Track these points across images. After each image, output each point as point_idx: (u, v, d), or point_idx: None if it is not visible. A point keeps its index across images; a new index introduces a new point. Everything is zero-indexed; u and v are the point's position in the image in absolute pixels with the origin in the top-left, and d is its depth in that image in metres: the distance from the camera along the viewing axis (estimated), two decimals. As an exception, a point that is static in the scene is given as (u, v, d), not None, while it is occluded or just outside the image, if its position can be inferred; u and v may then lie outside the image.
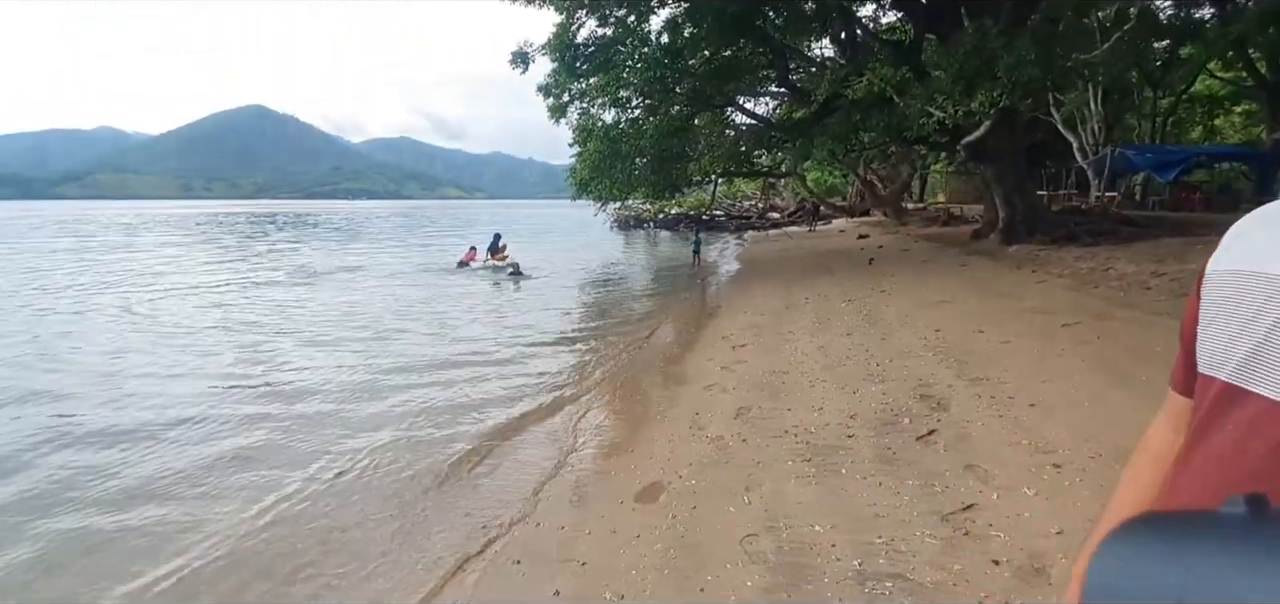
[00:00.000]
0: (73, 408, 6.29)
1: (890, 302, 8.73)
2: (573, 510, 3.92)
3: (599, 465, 4.63)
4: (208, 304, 12.42)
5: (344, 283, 15.54)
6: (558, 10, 13.74)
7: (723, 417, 4.95)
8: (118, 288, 14.48)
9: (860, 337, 6.84)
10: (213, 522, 4.07)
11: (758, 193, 38.39)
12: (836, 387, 5.23)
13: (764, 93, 18.21)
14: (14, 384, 7.05)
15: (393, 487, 4.51)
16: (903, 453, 3.88)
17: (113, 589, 3.43)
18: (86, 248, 26.64)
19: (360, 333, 9.67)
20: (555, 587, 3.09)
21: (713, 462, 4.17)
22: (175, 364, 7.93)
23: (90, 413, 6.12)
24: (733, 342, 7.56)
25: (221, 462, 4.97)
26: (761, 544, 3.09)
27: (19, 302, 12.63)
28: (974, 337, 6.45)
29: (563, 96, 15.11)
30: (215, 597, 3.36)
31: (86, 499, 4.42)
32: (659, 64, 13.69)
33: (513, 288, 14.26)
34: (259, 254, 24.37)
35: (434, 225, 48.01)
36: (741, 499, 3.57)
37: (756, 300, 10.42)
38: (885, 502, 3.30)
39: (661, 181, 16.32)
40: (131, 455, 5.12)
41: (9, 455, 5.13)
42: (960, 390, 4.84)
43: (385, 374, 7.31)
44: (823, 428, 4.37)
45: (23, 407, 6.34)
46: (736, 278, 15.43)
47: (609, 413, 5.92)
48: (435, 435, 5.43)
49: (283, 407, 6.24)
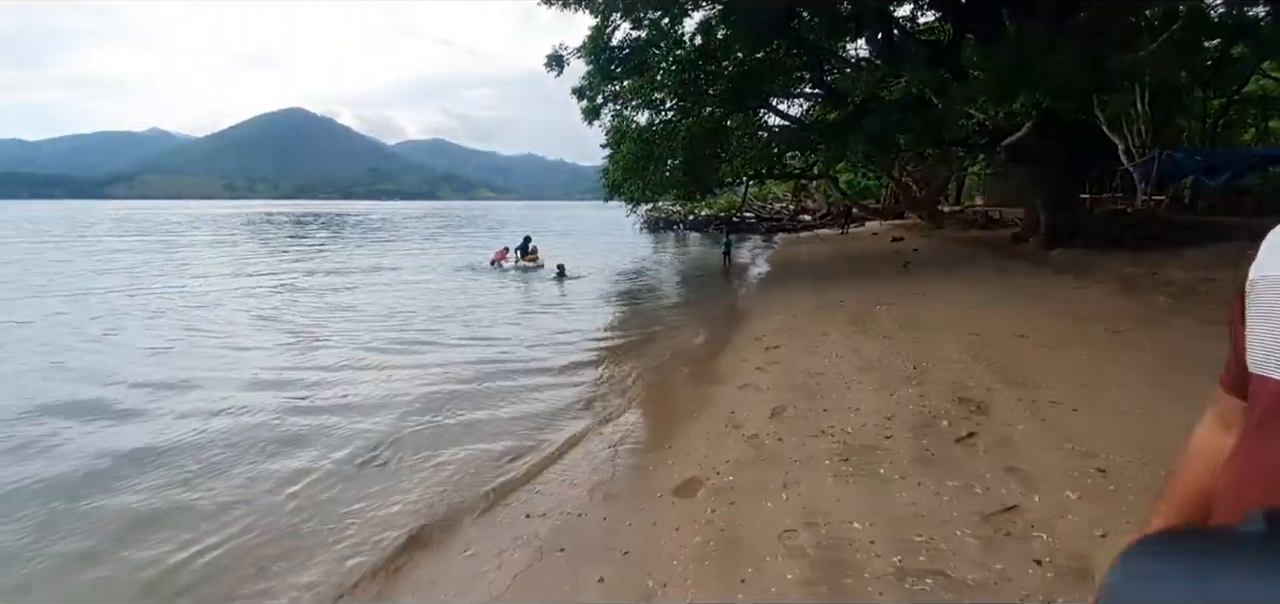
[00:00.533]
0: (135, 390, 6.65)
1: (926, 305, 8.64)
2: (613, 503, 4.01)
3: (637, 460, 4.72)
4: (258, 301, 12.89)
5: (385, 282, 15.93)
6: (593, 13, 13.90)
7: (758, 416, 5.00)
8: (168, 287, 15.12)
9: (896, 340, 6.81)
10: (255, 501, 4.29)
11: (789, 195, 38.07)
12: (873, 389, 5.23)
13: (797, 94, 18.10)
14: (102, 368, 7.47)
15: (436, 476, 4.67)
16: (942, 454, 3.88)
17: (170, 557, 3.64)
18: (145, 246, 27.79)
19: (401, 331, 9.94)
20: (599, 574, 3.19)
21: (749, 459, 4.22)
22: (214, 362, 8.29)
23: (156, 396, 6.46)
24: (766, 342, 7.58)
25: (271, 445, 5.21)
26: (800, 539, 3.13)
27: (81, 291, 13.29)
28: (1014, 341, 6.37)
29: (596, 98, 15.26)
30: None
31: (159, 463, 4.69)
32: (692, 66, 13.76)
33: (558, 290, 14.40)
34: (303, 252, 25.13)
35: (468, 226, 48.75)
36: (779, 496, 3.62)
37: (789, 302, 10.41)
38: (925, 501, 3.31)
39: (693, 183, 16.37)
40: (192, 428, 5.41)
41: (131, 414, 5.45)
42: (1000, 394, 4.81)
43: (424, 370, 7.52)
44: (860, 429, 4.39)
45: (110, 387, 6.72)
46: (768, 280, 15.40)
47: (645, 410, 6.01)
48: (476, 430, 5.58)
49: (336, 398, 6.49)
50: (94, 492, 4.50)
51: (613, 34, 14.19)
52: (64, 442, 5.41)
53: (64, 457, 5.12)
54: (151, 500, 4.39)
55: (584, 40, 14.25)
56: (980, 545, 2.88)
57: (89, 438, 5.50)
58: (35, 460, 5.03)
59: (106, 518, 4.16)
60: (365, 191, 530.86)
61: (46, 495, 4.45)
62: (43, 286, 14.66)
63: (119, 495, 4.46)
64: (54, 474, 4.80)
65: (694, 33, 14.57)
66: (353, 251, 25.29)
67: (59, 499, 4.39)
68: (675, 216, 33.42)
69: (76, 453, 5.18)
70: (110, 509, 4.27)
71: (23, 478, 4.72)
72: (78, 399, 6.51)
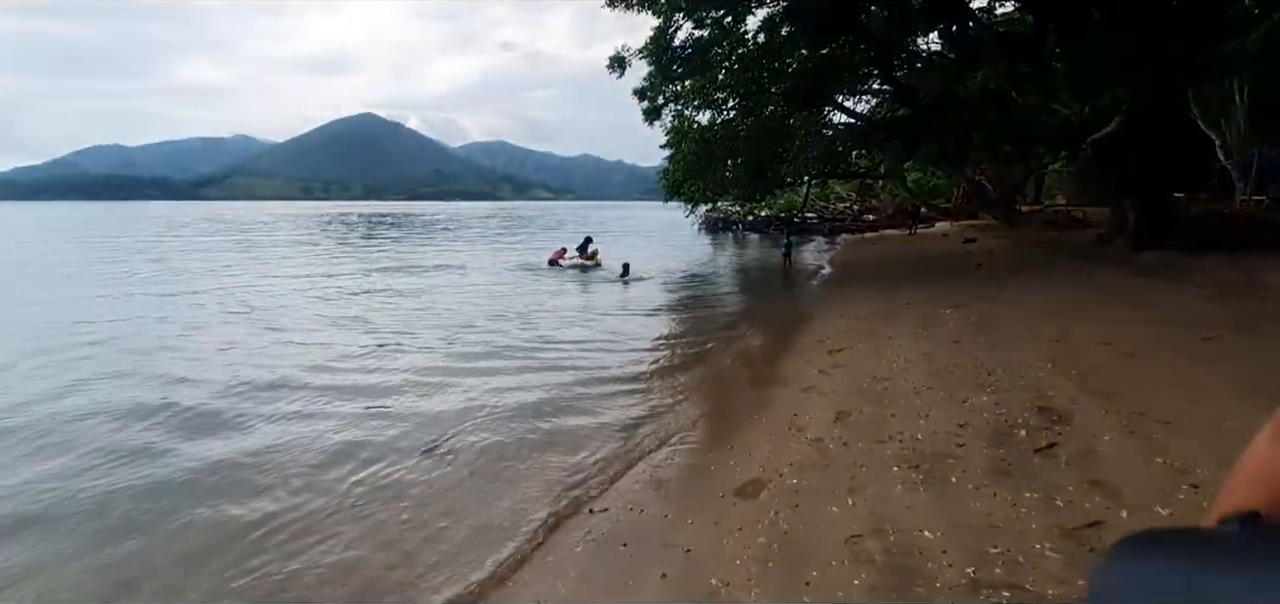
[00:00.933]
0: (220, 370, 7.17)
1: (1002, 309, 8.26)
2: (675, 501, 4.05)
3: (697, 460, 4.74)
4: (337, 306, 13.62)
5: (452, 282, 16.39)
6: (656, 14, 13.95)
7: (822, 420, 4.92)
8: (259, 289, 16.17)
9: (969, 345, 6.55)
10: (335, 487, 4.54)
11: (853, 195, 37.04)
12: (943, 395, 5.06)
13: (864, 91, 17.60)
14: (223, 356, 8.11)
15: (500, 471, 4.83)
16: (1019, 465, 3.73)
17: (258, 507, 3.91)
18: (236, 245, 29.80)
19: (468, 330, 10.28)
20: (661, 570, 3.23)
21: (813, 463, 4.17)
22: (282, 355, 8.81)
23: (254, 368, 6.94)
24: (829, 346, 7.44)
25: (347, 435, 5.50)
26: (867, 546, 3.08)
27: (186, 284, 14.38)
28: (1099, 348, 6.02)
29: (657, 99, 15.31)
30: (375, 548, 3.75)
31: (236, 438, 5.05)
32: (755, 64, 13.60)
33: (622, 289, 14.48)
34: (378, 252, 26.34)
35: (529, 226, 49.75)
36: (844, 501, 3.57)
37: (853, 305, 10.16)
38: (1001, 513, 3.19)
39: (754, 183, 16.19)
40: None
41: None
42: (1084, 404, 4.56)
43: (490, 369, 7.76)
44: (930, 435, 4.26)
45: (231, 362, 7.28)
46: (831, 281, 15.07)
47: (705, 411, 6.02)
48: (538, 427, 5.72)
49: (412, 400, 6.80)
50: (197, 493, 4.89)
51: (675, 34, 14.19)
52: (172, 444, 5.89)
53: (174, 459, 5.57)
54: (256, 500, 4.74)
55: (646, 41, 14.32)
56: (1062, 561, 2.75)
57: (187, 442, 5.96)
58: (154, 463, 5.48)
59: (209, 517, 4.51)
60: (429, 192, 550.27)
61: (178, 491, 4.87)
62: (151, 282, 15.99)
63: (227, 496, 4.83)
64: (172, 475, 5.23)
65: (757, 30, 14.41)
66: (422, 250, 26.26)
67: (175, 497, 4.80)
68: (734, 217, 33.08)
69: (185, 457, 5.63)
70: (205, 504, 4.63)
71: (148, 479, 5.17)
72: (171, 401, 7.06)
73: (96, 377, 7.40)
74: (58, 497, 4.50)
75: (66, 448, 5.33)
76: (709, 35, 14.21)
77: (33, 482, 4.73)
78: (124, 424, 5.85)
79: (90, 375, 7.43)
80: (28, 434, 5.64)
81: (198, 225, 47.15)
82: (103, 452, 5.22)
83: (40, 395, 6.70)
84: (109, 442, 5.45)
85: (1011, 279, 10.99)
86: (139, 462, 5.06)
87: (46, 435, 5.61)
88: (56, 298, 13.36)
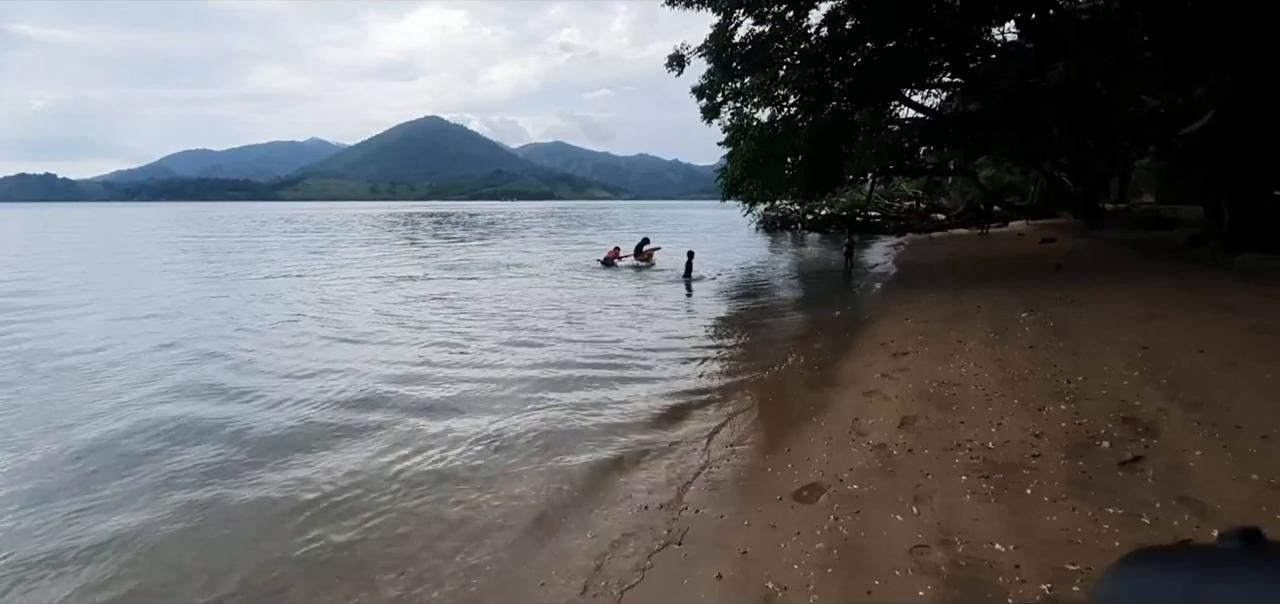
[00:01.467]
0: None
1: (1083, 313, 7.77)
2: (731, 503, 4.01)
3: (754, 462, 4.68)
4: (407, 307, 14.17)
5: (516, 282, 16.64)
6: (715, 11, 13.82)
7: (885, 425, 4.77)
8: (341, 290, 17.01)
9: (1046, 350, 6.20)
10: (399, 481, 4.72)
11: (920, 193, 35.65)
12: (1017, 402, 4.81)
13: (933, 85, 16.87)
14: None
15: (561, 466, 4.90)
16: (1101, 478, 3.50)
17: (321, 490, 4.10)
18: (320, 244, 31.47)
19: (526, 327, 10.51)
20: (717, 571, 3.21)
21: (875, 469, 4.05)
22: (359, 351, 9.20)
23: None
24: (893, 348, 7.20)
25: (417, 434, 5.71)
26: (933, 556, 2.97)
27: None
28: (1190, 356, 5.58)
29: (716, 97, 15.15)
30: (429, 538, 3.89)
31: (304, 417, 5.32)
32: (817, 60, 13.27)
33: (683, 288, 14.24)
34: (444, 248, 27.25)
35: (588, 225, 50.27)
36: (909, 509, 3.45)
37: (919, 307, 9.79)
38: (1081, 528, 3.01)
39: (815, 181, 15.80)
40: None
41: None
42: (1173, 415, 4.24)
43: (549, 366, 7.89)
44: (1002, 445, 4.06)
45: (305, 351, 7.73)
46: (895, 282, 14.56)
47: (763, 412, 5.93)
48: (598, 425, 5.77)
49: (475, 393, 7.02)
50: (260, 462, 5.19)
51: (735, 30, 14.02)
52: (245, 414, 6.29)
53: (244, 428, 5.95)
54: (319, 477, 4.99)
55: (705, 38, 14.21)
56: (1150, 583, 2.57)
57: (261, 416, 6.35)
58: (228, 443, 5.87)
59: (277, 495, 4.79)
60: (490, 192, 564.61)
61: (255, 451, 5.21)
62: (240, 278, 17.10)
63: (290, 470, 5.11)
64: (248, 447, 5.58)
65: (820, 25, 14.05)
66: (490, 249, 26.87)
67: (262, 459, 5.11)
68: (794, 216, 32.42)
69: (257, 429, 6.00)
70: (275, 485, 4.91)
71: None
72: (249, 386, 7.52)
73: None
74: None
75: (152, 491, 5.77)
76: (770, 31, 13.94)
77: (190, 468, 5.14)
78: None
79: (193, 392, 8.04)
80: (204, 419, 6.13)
81: (281, 225, 50.07)
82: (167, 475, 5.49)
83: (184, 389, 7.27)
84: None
85: (1094, 281, 10.31)
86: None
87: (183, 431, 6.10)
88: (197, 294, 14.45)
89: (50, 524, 4.14)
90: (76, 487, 4.67)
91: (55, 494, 4.56)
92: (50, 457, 5.25)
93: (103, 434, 5.70)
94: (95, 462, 5.12)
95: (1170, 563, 0.49)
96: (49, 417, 6.20)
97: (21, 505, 4.42)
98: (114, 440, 5.56)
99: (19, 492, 4.64)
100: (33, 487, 4.71)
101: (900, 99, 15.99)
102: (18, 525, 4.15)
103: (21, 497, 4.55)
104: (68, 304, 12.91)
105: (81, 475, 4.88)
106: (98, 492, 4.58)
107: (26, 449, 5.42)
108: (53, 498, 4.50)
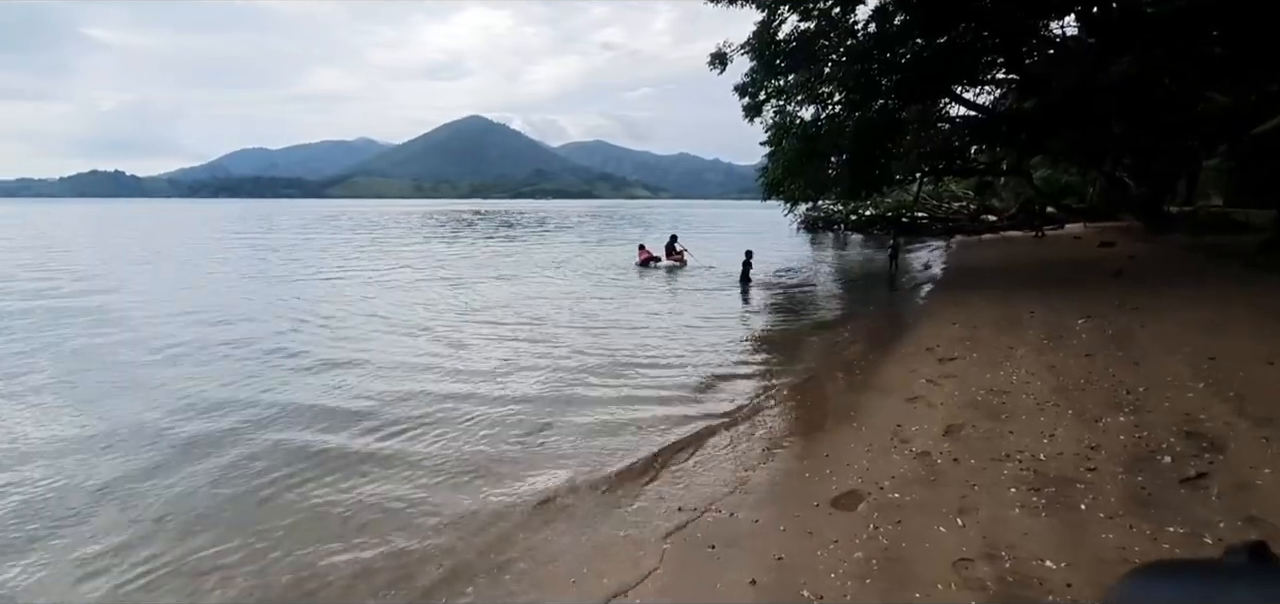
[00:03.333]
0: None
1: (1144, 321, 7.39)
2: (766, 507, 3.94)
3: (791, 467, 4.59)
4: (455, 314, 14.46)
5: (550, 279, 16.87)
6: (759, 7, 13.65)
7: (929, 432, 4.63)
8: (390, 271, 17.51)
9: (1103, 359, 5.92)
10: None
11: (970, 193, 34.47)
12: (1072, 413, 4.60)
13: (987, 81, 16.27)
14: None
15: (595, 462, 4.91)
16: (1162, 495, 3.32)
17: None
18: (373, 242, 32.49)
19: (568, 327, 10.56)
20: (751, 576, 3.16)
21: (918, 478, 3.93)
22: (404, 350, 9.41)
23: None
24: (939, 354, 6.99)
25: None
26: (978, 570, 2.86)
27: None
28: (1260, 368, 5.25)
29: (759, 95, 14.96)
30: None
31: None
32: (865, 56, 12.97)
33: (742, 300, 13.37)
34: (495, 250, 27.77)
35: (628, 224, 50.39)
36: (953, 521, 3.33)
37: (967, 311, 9.47)
38: (1138, 546, 2.86)
39: (860, 181, 15.44)
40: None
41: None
42: (1241, 430, 3.99)
43: (588, 372, 7.88)
44: (1055, 457, 3.89)
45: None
46: (943, 286, 14.12)
47: (802, 417, 5.83)
48: (633, 425, 5.74)
49: (522, 390, 7.11)
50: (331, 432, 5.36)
51: (779, 28, 13.82)
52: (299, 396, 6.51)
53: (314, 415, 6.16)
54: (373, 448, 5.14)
55: (748, 36, 14.05)
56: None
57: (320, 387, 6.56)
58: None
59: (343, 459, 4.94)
60: (530, 191, 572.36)
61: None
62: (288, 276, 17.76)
63: (357, 437, 5.27)
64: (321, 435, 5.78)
65: (867, 21, 13.73)
66: (532, 248, 27.13)
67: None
68: (836, 216, 31.77)
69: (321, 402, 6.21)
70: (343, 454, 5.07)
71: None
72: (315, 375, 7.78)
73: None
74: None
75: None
76: (815, 27, 13.71)
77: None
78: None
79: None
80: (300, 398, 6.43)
81: (339, 221, 51.83)
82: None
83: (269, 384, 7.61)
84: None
85: (1156, 288, 9.79)
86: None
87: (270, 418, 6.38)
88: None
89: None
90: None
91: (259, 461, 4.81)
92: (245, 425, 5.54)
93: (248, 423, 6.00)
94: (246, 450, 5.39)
95: (1179, 575, 0.50)
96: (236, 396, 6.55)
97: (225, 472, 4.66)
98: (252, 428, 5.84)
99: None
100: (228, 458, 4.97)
101: (951, 96, 15.49)
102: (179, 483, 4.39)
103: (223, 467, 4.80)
104: (215, 307, 13.30)
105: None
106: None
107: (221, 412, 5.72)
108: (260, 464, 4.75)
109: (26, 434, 5.65)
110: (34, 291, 13.85)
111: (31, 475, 4.78)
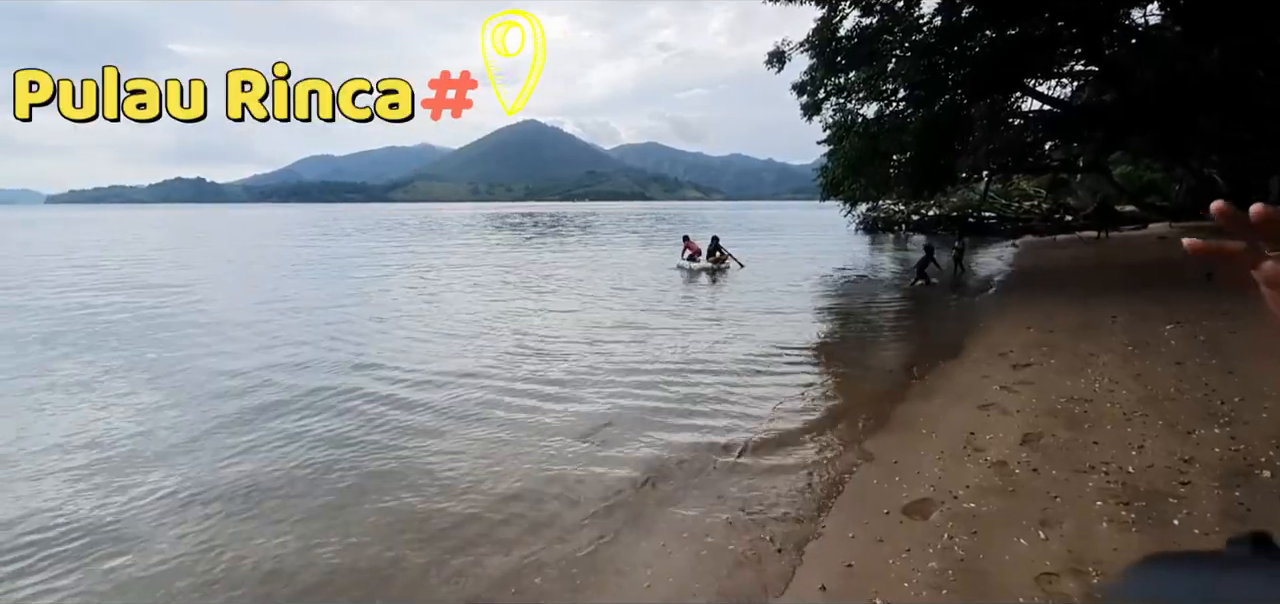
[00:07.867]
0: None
1: (1239, 327, 6.91)
2: (833, 513, 3.92)
3: (860, 474, 4.52)
4: (518, 318, 14.82)
5: (618, 282, 16.77)
6: (819, 4, 13.40)
7: (1005, 441, 4.49)
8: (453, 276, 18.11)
9: (1195, 367, 5.59)
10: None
11: (1042, 192, 32.76)
12: (1162, 424, 4.37)
13: (1063, 73, 15.43)
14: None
15: (660, 464, 4.95)
16: (1265, 513, 3.14)
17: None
18: (437, 247, 33.66)
19: (625, 335, 10.63)
20: (821, 581, 3.16)
21: (995, 488, 3.83)
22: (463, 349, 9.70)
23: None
24: (1012, 359, 6.74)
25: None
26: (1064, 586, 2.78)
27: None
28: (1385, 382, 4.85)
29: (818, 93, 14.66)
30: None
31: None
32: (930, 50, 12.56)
33: (780, 291, 13.33)
34: (551, 251, 28.30)
35: (681, 226, 50.21)
36: (1034, 533, 3.24)
37: (1040, 315, 9.08)
38: (1241, 568, 2.71)
39: (923, 180, 14.96)
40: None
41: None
42: (1360, 448, 3.71)
43: (648, 370, 7.95)
44: (1144, 469, 3.71)
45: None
46: (1013, 288, 13.56)
47: (869, 422, 5.70)
48: (698, 427, 5.75)
49: (570, 391, 7.27)
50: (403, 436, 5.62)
51: (840, 24, 13.53)
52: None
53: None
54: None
55: (808, 33, 13.82)
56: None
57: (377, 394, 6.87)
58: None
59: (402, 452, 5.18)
60: (583, 193, 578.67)
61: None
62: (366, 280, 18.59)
63: (424, 438, 5.52)
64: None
65: (933, 13, 13.26)
66: (593, 250, 27.26)
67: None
68: (897, 217, 30.77)
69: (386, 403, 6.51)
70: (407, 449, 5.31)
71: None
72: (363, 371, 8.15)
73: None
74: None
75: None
76: (878, 22, 13.36)
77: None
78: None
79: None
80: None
81: (407, 225, 53.85)
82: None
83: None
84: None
85: (1253, 292, 9.10)
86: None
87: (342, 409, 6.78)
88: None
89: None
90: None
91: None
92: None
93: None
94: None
95: (1182, 566, 0.51)
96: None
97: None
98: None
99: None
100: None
101: (1023, 90, 14.79)
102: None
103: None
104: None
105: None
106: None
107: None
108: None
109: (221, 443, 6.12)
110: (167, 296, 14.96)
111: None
